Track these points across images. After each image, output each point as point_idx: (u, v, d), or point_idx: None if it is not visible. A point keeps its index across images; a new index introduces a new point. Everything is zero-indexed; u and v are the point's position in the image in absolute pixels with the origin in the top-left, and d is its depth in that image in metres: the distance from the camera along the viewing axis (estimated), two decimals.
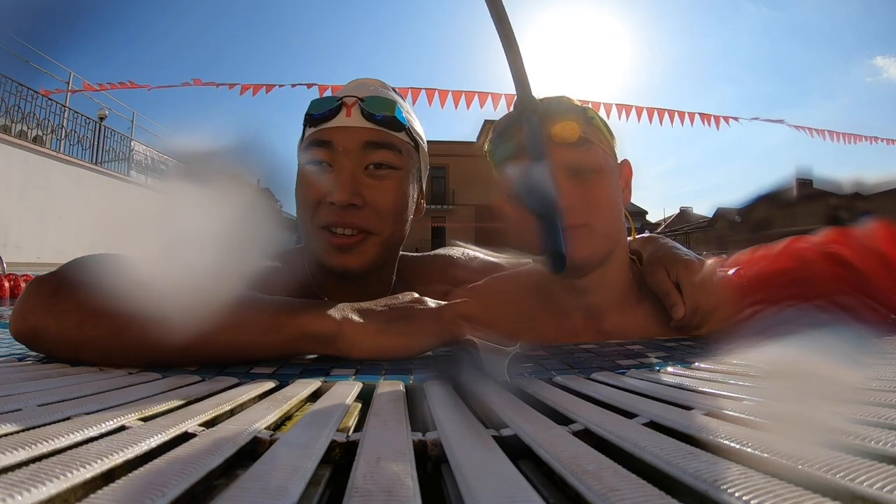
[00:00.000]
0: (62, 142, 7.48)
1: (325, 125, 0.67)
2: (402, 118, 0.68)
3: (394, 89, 0.76)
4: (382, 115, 0.67)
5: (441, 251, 0.88)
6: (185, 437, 0.24)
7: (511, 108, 0.62)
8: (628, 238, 0.72)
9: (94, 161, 7.96)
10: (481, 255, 0.87)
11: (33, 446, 0.21)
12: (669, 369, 0.43)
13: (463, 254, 0.86)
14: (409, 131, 0.71)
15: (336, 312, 0.48)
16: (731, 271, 0.76)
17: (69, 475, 0.18)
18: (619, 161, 0.67)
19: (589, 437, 0.25)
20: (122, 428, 0.25)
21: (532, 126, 0.50)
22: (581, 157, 0.59)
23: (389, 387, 0.36)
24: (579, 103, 0.64)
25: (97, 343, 0.42)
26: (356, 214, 0.65)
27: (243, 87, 4.76)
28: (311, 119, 0.68)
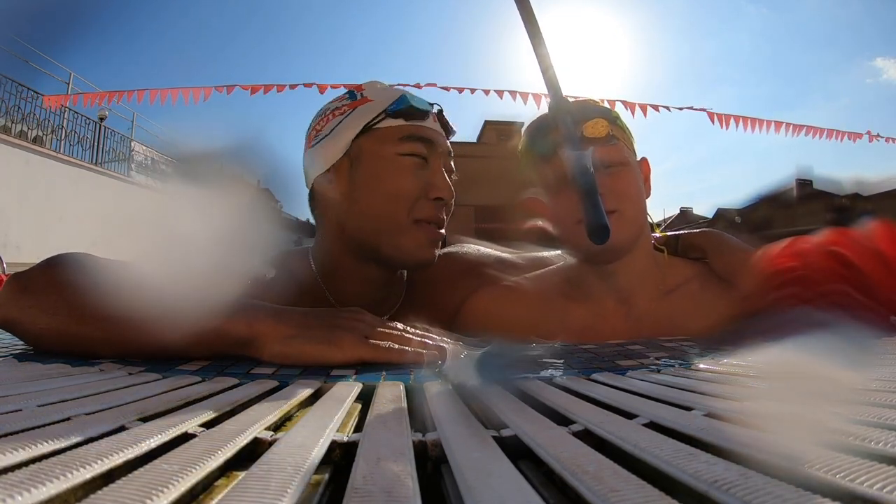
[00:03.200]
0: (62, 142, 7.49)
1: (423, 123, 0.68)
2: None
3: None
4: (452, 128, 0.73)
5: (453, 249, 0.85)
6: (185, 437, 0.24)
7: (546, 111, 0.68)
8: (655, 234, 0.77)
9: (94, 161, 7.97)
10: (495, 253, 0.85)
11: (33, 446, 0.21)
12: (669, 370, 0.43)
13: (478, 252, 0.84)
14: None
15: (251, 314, 0.46)
16: None
17: (69, 475, 0.18)
18: (640, 158, 0.73)
19: (589, 437, 0.25)
20: (122, 428, 0.25)
21: (566, 125, 0.55)
22: (609, 152, 0.66)
23: (389, 387, 0.36)
24: (604, 105, 0.71)
25: (49, 336, 0.48)
26: (445, 212, 0.69)
27: (242, 87, 4.75)
28: (413, 112, 0.67)
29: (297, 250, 0.79)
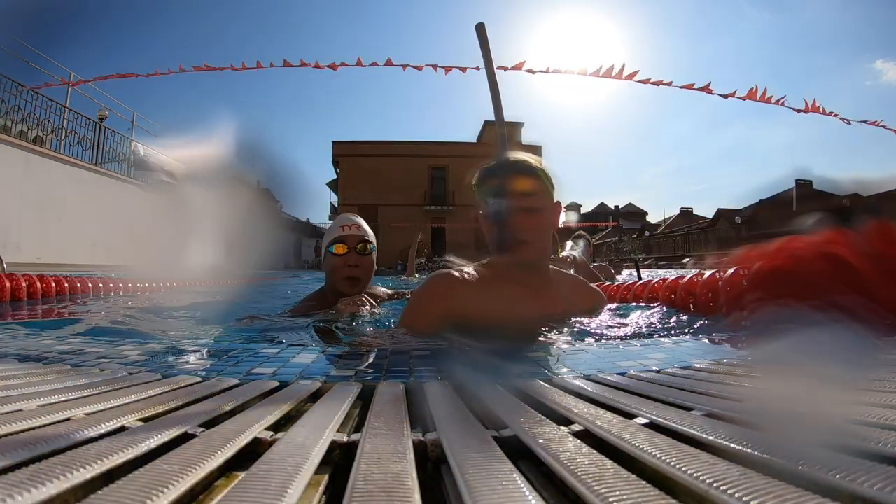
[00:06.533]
0: (62, 142, 7.48)
1: (342, 233, 1.36)
2: None
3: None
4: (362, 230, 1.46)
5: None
6: (185, 437, 0.24)
7: (494, 161, 0.99)
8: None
9: (94, 161, 7.96)
10: None
11: (33, 446, 0.21)
12: (669, 370, 0.43)
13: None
14: None
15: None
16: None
17: (69, 475, 0.18)
18: (554, 202, 1.05)
19: (589, 437, 0.25)
20: (122, 428, 0.25)
21: (501, 180, 0.84)
22: (530, 201, 0.98)
23: (389, 387, 0.36)
24: (535, 163, 1.01)
25: None
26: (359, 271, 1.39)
27: (245, 66, 4.76)
28: (334, 237, 1.35)
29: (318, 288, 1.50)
